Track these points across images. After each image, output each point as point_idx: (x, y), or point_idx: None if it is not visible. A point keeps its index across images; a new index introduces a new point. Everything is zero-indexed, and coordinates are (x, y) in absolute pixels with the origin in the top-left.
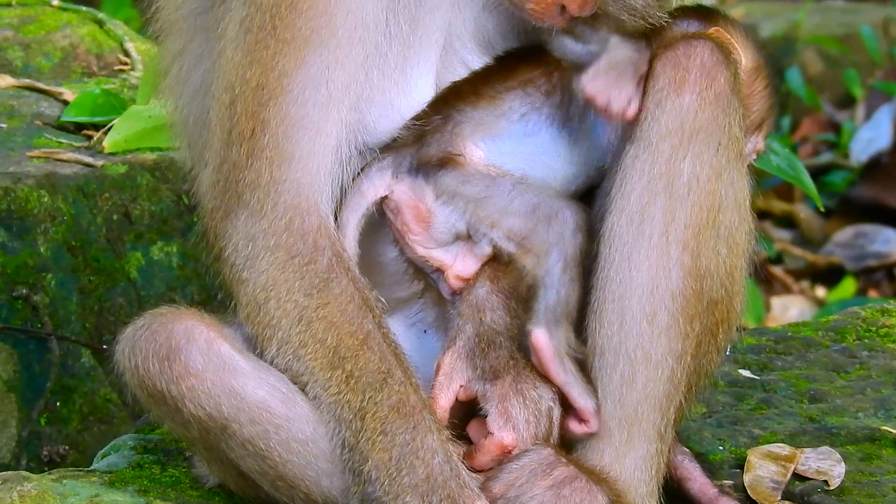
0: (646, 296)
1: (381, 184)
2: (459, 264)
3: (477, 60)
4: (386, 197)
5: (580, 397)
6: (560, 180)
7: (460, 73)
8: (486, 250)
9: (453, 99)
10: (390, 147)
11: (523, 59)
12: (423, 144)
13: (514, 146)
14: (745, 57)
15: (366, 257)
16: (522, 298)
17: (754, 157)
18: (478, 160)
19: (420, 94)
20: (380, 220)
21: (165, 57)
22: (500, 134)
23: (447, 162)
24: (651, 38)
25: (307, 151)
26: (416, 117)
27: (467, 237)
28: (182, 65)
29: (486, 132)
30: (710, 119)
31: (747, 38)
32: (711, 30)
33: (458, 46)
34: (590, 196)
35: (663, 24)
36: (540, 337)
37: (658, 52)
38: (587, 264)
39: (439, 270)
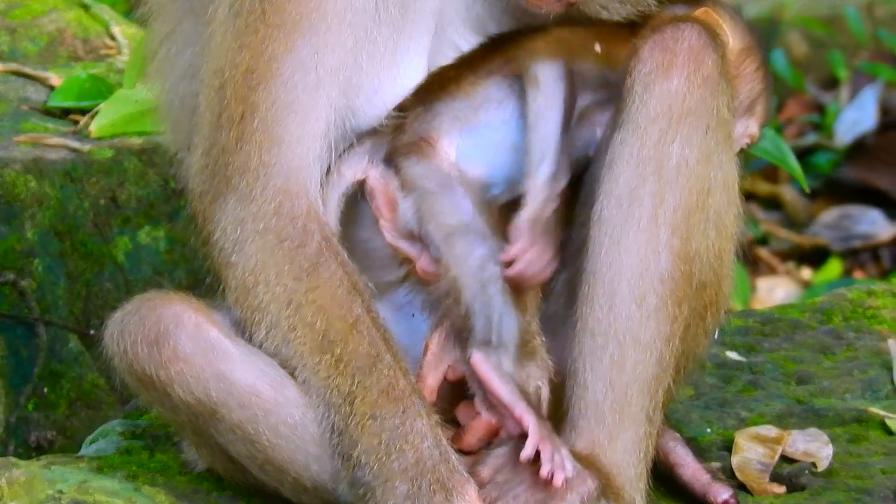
0: (635, 279)
1: (358, 167)
2: (424, 260)
3: (468, 45)
4: (364, 180)
5: (524, 413)
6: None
7: (452, 58)
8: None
9: (437, 87)
10: (372, 133)
11: (509, 39)
12: (401, 132)
13: (491, 135)
14: (733, 39)
15: (354, 242)
16: (457, 326)
17: (747, 141)
18: (445, 156)
19: (410, 78)
20: (366, 205)
21: (153, 40)
22: (476, 124)
23: (416, 150)
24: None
25: (297, 136)
26: (401, 106)
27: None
28: (170, 48)
29: (464, 124)
30: (698, 102)
31: (736, 20)
32: (699, 10)
33: (449, 31)
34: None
35: (652, 10)
36: (473, 359)
37: (646, 36)
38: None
39: (408, 261)
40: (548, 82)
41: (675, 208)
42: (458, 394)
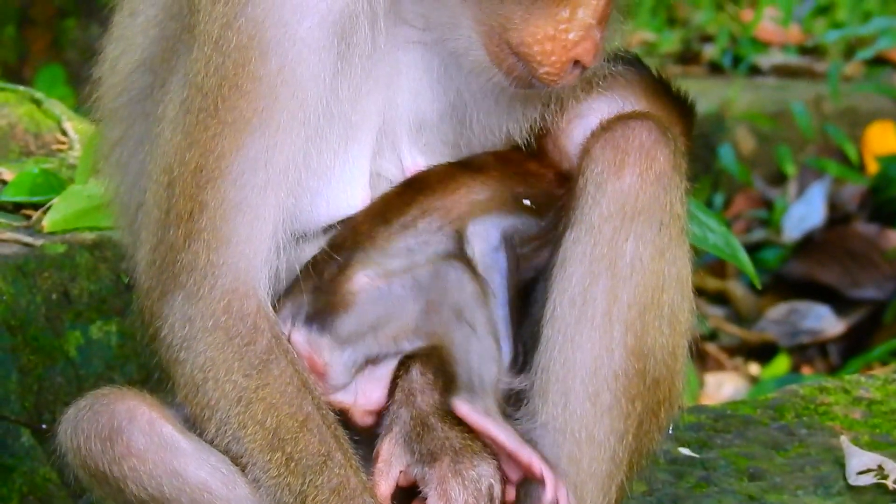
0: (589, 376)
1: (285, 331)
2: (362, 399)
3: (407, 147)
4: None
5: (521, 449)
6: None
7: (391, 160)
8: (388, 370)
9: (350, 242)
10: (291, 291)
11: (421, 186)
12: (318, 292)
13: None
14: (646, 101)
15: None
16: (447, 375)
17: None
18: (364, 283)
19: (354, 181)
20: None
21: (105, 144)
22: (392, 281)
23: (339, 305)
24: None
25: (245, 236)
26: (314, 262)
27: (366, 365)
28: (122, 151)
29: (375, 267)
30: (651, 199)
31: (638, 77)
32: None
33: (390, 134)
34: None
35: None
36: (459, 406)
37: (597, 134)
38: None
39: (343, 411)
40: (488, 261)
41: (629, 305)
42: (409, 493)
